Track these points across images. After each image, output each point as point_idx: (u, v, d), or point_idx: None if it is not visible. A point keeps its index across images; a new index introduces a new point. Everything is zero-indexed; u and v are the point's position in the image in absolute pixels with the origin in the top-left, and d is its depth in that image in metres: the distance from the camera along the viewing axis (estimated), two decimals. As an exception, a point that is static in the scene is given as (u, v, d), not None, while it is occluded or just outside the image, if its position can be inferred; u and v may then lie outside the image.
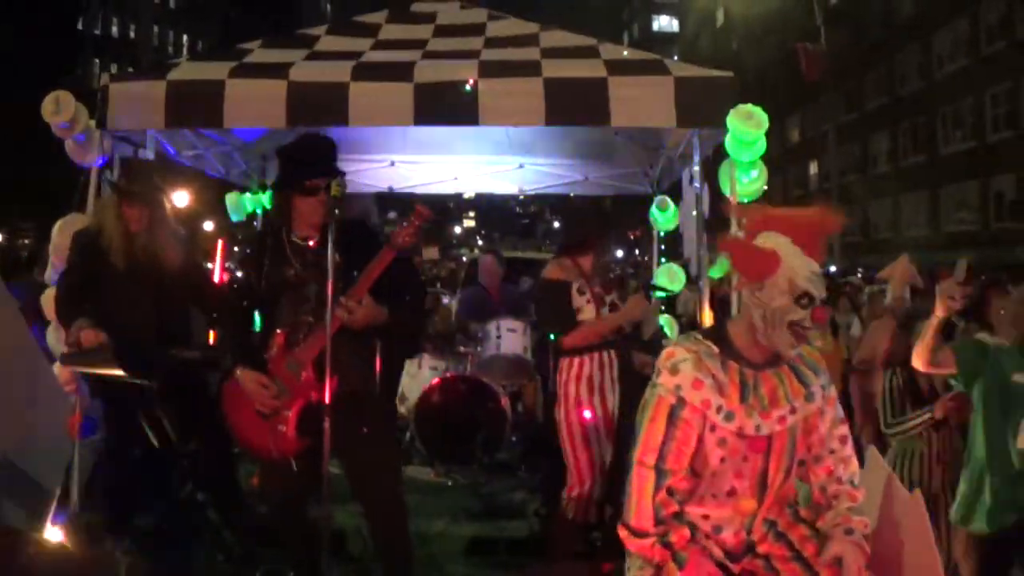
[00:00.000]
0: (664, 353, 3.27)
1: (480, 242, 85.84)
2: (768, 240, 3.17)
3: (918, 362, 4.74)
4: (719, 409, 3.14)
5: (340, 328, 4.27)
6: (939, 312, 4.57)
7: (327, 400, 4.14)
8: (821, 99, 34.56)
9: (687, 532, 3.18)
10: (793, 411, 3.21)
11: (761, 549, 3.33)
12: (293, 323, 4.43)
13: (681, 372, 3.15)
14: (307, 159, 4.51)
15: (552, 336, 5.59)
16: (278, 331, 4.45)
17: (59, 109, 6.03)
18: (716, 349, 3.22)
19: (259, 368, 4.41)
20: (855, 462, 3.41)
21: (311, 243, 4.52)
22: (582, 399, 5.36)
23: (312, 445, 4.21)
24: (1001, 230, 33.56)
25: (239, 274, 4.69)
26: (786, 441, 3.25)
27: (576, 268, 5.51)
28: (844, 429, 3.38)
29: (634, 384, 5.53)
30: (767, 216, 3.27)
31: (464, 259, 18.18)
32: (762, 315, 3.14)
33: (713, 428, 3.17)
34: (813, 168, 45.88)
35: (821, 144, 36.89)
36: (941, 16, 36.53)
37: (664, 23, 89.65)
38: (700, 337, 3.31)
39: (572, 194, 10.45)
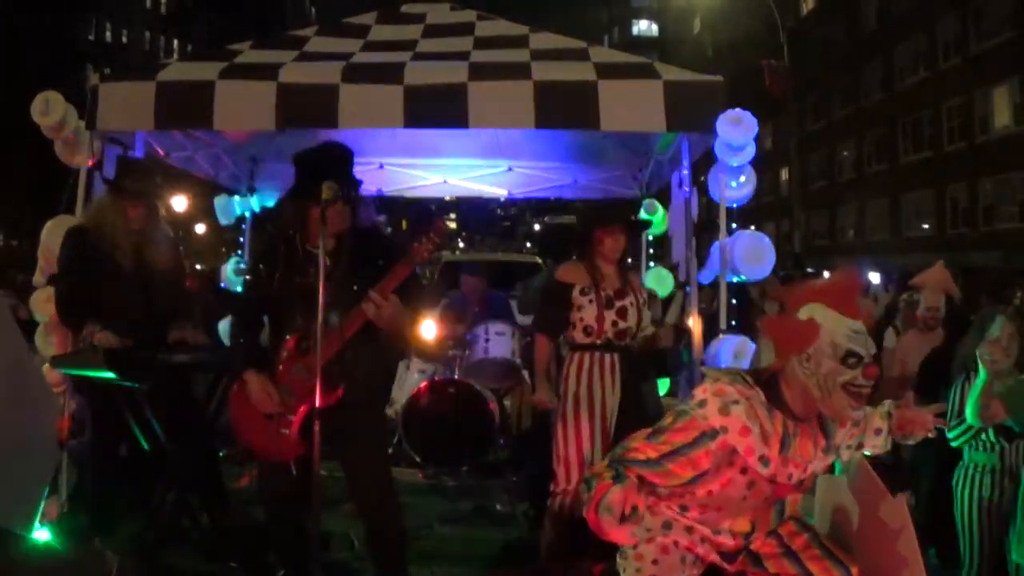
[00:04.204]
0: (714, 386, 3.16)
1: (461, 244, 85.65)
2: (805, 311, 3.15)
3: (974, 419, 4.53)
4: (761, 458, 3.10)
5: (357, 331, 4.23)
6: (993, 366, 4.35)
7: (318, 403, 4.01)
8: (792, 108, 34.98)
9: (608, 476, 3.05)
10: (811, 462, 3.22)
11: (752, 547, 3.31)
12: (305, 330, 4.30)
13: (732, 415, 3.08)
14: (325, 168, 4.33)
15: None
16: (288, 337, 4.36)
17: (48, 109, 5.91)
18: (764, 397, 3.16)
19: (266, 372, 4.34)
20: None
21: (327, 250, 4.32)
22: (580, 395, 5.26)
23: (311, 449, 4.11)
24: (955, 236, 34.11)
25: (252, 280, 4.56)
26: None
27: (586, 271, 5.39)
28: None
29: (634, 389, 5.42)
30: (803, 291, 3.26)
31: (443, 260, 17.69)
32: (817, 384, 3.09)
33: (745, 471, 3.12)
34: (784, 175, 46.23)
35: (792, 151, 37.30)
36: (902, 31, 36.93)
37: (644, 27, 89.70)
38: (750, 380, 3.21)
39: (554, 197, 10.34)
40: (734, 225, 6.29)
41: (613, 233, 5.39)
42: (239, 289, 8.73)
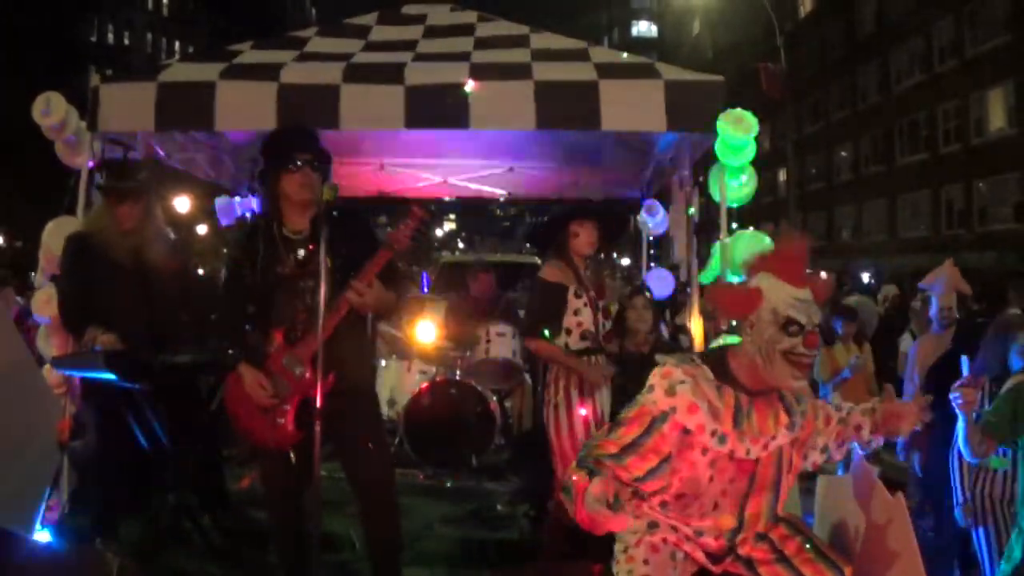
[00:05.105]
0: (661, 370, 3.16)
1: (461, 244, 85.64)
2: (755, 279, 3.18)
3: (969, 457, 4.44)
4: (713, 433, 3.09)
5: (341, 320, 4.23)
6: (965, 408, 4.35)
7: (319, 403, 4.04)
8: (789, 110, 34.92)
9: (583, 474, 2.93)
10: (774, 438, 3.18)
11: (742, 551, 3.26)
12: (291, 319, 4.33)
13: (678, 395, 3.08)
14: (292, 138, 4.49)
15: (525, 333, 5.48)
16: (276, 328, 4.36)
17: (50, 110, 5.87)
18: (711, 374, 3.16)
19: (258, 364, 4.35)
20: None
21: (303, 235, 4.41)
22: (573, 399, 5.19)
23: (309, 439, 4.14)
24: (950, 237, 33.88)
25: (233, 271, 4.55)
26: (771, 466, 3.22)
27: (571, 270, 5.33)
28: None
29: (625, 388, 5.37)
30: (753, 260, 3.27)
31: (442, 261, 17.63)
32: (758, 351, 3.09)
33: (705, 451, 3.09)
34: (782, 176, 46.18)
35: (789, 153, 37.26)
36: (899, 34, 36.91)
37: (643, 29, 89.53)
38: (698, 360, 3.23)
39: (555, 198, 10.29)
40: (734, 225, 6.25)
41: (585, 227, 5.34)
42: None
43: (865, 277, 25.67)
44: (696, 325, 6.59)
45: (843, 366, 7.87)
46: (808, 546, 3.22)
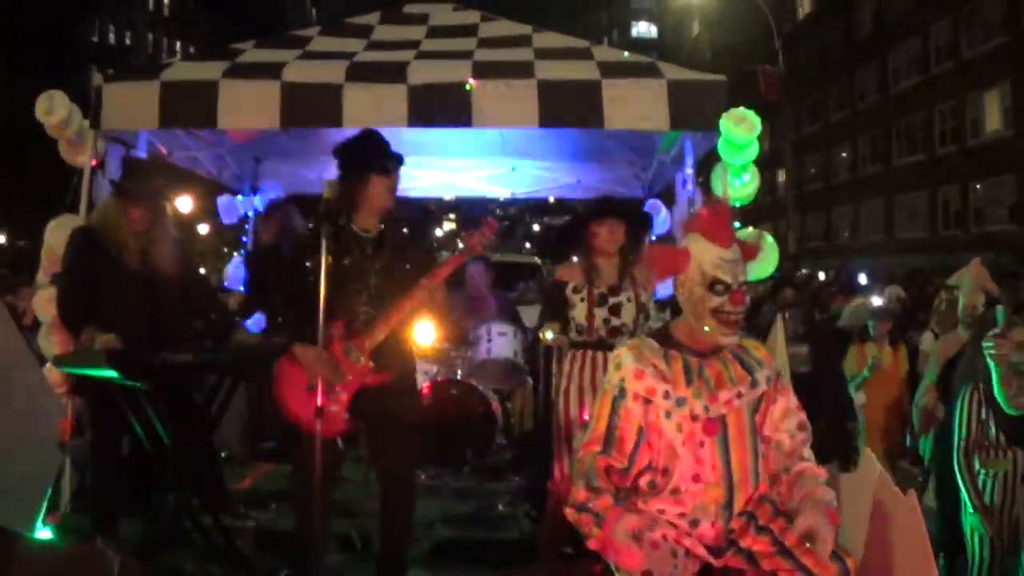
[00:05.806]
0: (612, 355, 3.34)
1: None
2: (685, 241, 3.32)
3: (1009, 409, 4.54)
4: (667, 395, 3.18)
5: (401, 318, 4.49)
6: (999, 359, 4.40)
7: (320, 401, 4.11)
8: (788, 111, 34.90)
9: (609, 501, 3.12)
10: (740, 395, 3.23)
11: (743, 543, 3.22)
12: (353, 311, 4.45)
13: (623, 367, 3.22)
14: (381, 144, 4.61)
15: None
16: (338, 318, 4.45)
17: (53, 109, 5.84)
18: (656, 344, 3.28)
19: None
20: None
21: (372, 234, 4.61)
22: (571, 393, 5.25)
23: (359, 430, 4.49)
24: (947, 237, 33.98)
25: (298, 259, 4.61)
26: (743, 425, 3.26)
27: (580, 269, 5.35)
28: (802, 416, 3.40)
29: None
30: (685, 224, 3.46)
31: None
32: (690, 311, 3.24)
33: (668, 415, 3.18)
34: (781, 176, 46.22)
35: (788, 154, 37.26)
36: (897, 35, 36.98)
37: (643, 30, 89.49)
38: (643, 336, 3.42)
39: (552, 198, 10.25)
40: (737, 224, 6.21)
41: (606, 225, 5.34)
42: (241, 288, 8.65)
43: (863, 278, 25.66)
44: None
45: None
46: None
